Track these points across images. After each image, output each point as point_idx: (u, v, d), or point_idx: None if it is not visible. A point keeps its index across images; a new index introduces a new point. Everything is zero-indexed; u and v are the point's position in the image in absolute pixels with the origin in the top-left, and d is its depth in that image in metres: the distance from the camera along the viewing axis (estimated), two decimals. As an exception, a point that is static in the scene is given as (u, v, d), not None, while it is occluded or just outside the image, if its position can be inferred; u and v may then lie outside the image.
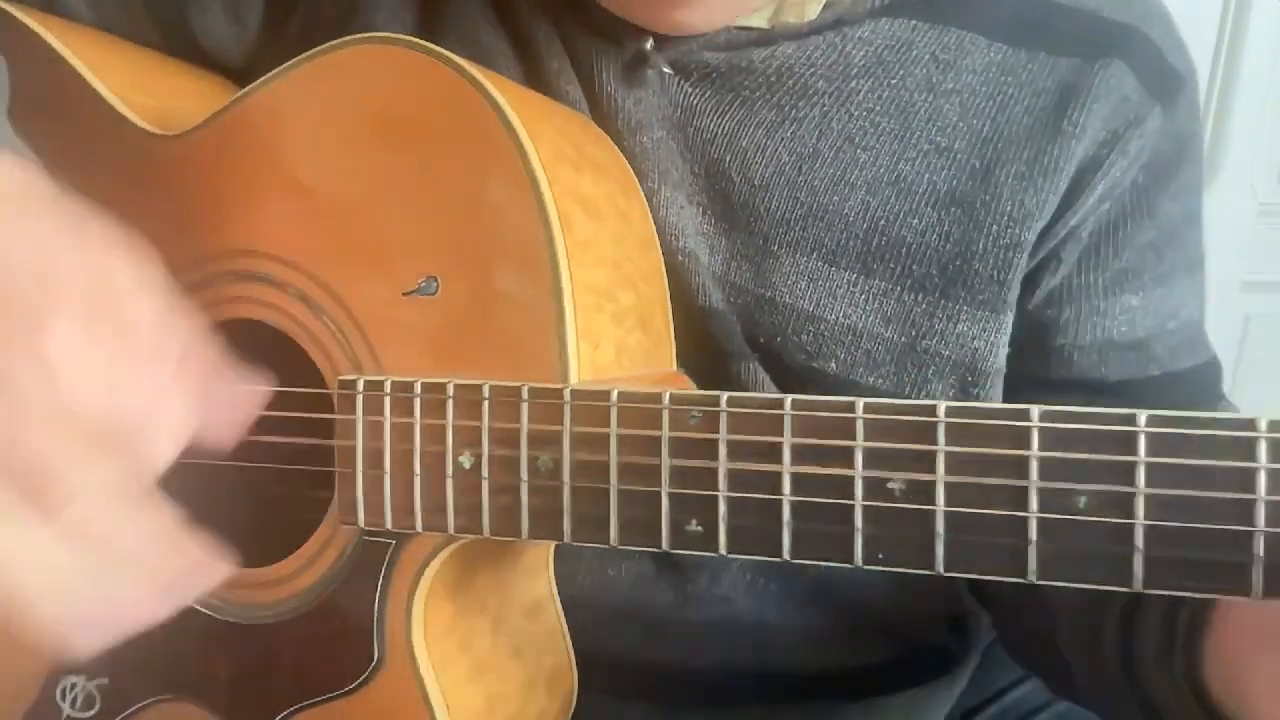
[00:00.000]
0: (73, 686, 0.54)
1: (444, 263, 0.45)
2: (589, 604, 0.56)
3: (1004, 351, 0.55)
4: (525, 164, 0.43)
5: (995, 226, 0.53)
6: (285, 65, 0.48)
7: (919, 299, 0.53)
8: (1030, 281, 0.55)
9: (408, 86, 0.46)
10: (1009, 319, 0.54)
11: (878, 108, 0.53)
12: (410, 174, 0.46)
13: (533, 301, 0.43)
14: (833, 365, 0.53)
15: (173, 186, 0.51)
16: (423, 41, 0.46)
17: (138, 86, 0.55)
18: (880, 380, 0.54)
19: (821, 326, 0.53)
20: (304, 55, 0.48)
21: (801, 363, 0.54)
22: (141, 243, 0.38)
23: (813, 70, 0.53)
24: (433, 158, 0.45)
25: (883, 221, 0.53)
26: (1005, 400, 0.56)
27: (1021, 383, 0.56)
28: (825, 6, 0.53)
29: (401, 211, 0.46)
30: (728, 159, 0.53)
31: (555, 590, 0.54)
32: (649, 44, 0.52)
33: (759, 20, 0.53)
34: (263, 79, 0.49)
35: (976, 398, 0.54)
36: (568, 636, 0.54)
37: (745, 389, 0.53)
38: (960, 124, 0.53)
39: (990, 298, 0.53)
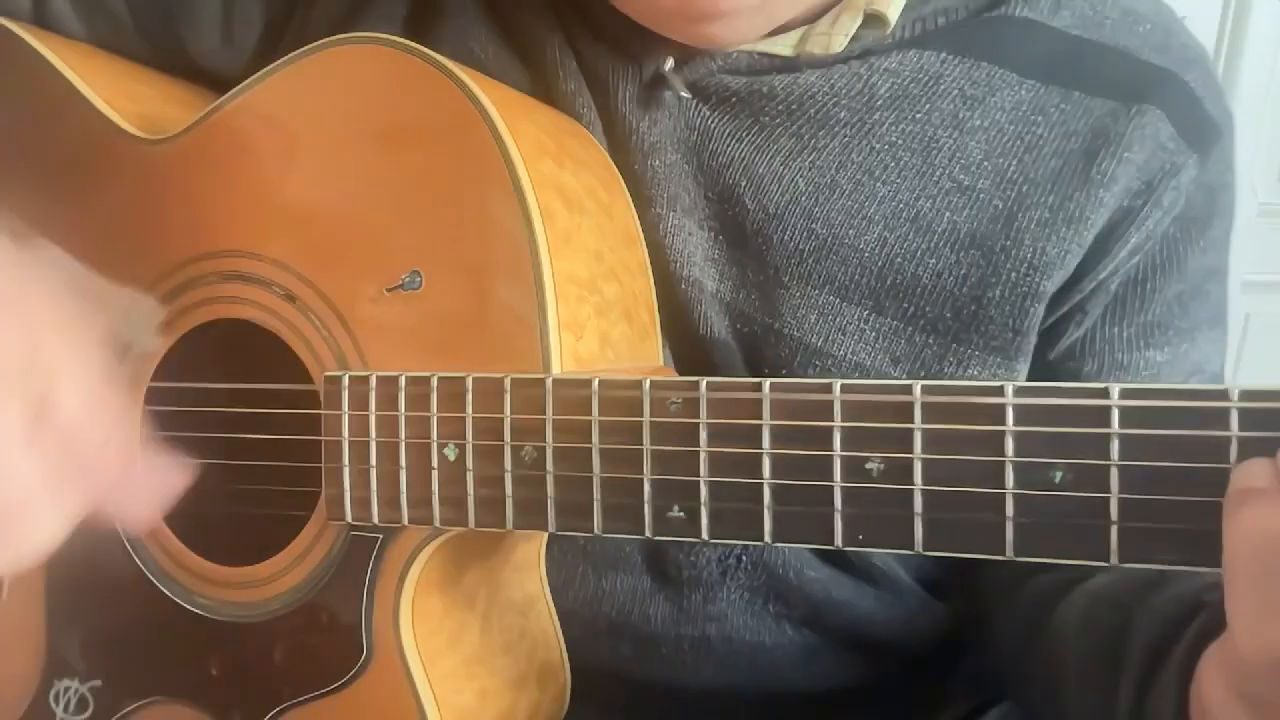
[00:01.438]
0: (66, 690, 0.54)
1: (427, 257, 0.45)
2: (582, 617, 0.55)
3: None
4: (505, 157, 0.44)
5: (1014, 274, 0.51)
6: (269, 68, 0.49)
7: (930, 340, 0.52)
8: (1052, 333, 0.54)
9: (389, 84, 0.46)
10: (1023, 367, 0.53)
11: (900, 141, 0.51)
12: (392, 170, 0.46)
13: (515, 293, 0.43)
14: None
15: (160, 189, 0.52)
16: (403, 40, 0.46)
17: (125, 93, 0.56)
18: None
19: (828, 362, 0.52)
20: (287, 57, 0.48)
21: None
22: (88, 308, 0.38)
23: (835, 99, 0.52)
24: (414, 153, 0.46)
25: (899, 259, 0.51)
26: None
27: None
28: (851, 40, 0.51)
29: (385, 207, 0.46)
30: (743, 184, 0.52)
31: (547, 588, 0.54)
32: (668, 65, 0.51)
33: (783, 48, 0.52)
34: (246, 82, 0.50)
35: None
36: (560, 635, 0.54)
37: None
38: (985, 163, 0.51)
39: (1003, 344, 0.52)
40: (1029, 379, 0.54)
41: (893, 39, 0.52)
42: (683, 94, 0.52)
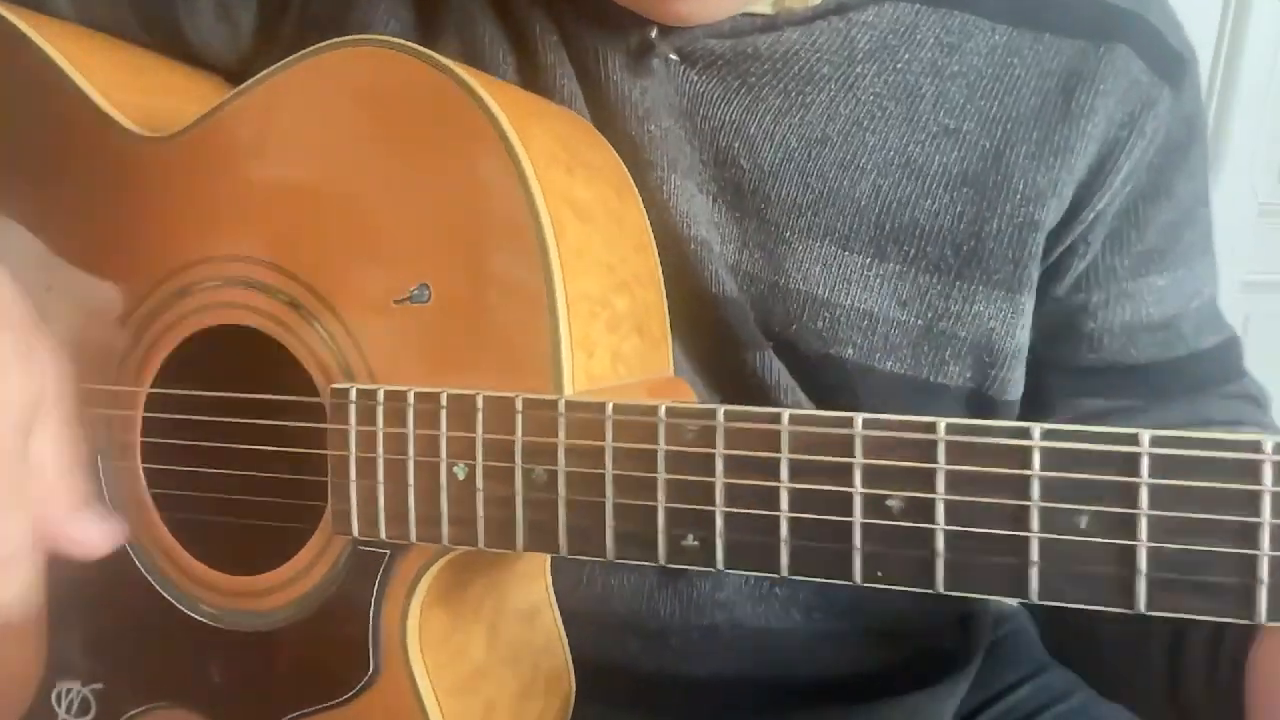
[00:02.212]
0: (68, 692, 0.54)
1: (436, 270, 0.44)
2: (590, 615, 0.55)
3: (1023, 333, 0.55)
4: (517, 169, 0.42)
5: (1008, 205, 0.52)
6: (273, 68, 0.47)
7: (934, 280, 0.53)
8: (1059, 268, 0.55)
9: (398, 90, 0.45)
10: (1027, 301, 0.54)
11: (884, 91, 0.53)
12: (402, 179, 0.45)
13: (526, 311, 0.43)
14: (849, 350, 0.53)
15: (161, 190, 0.50)
16: (413, 44, 0.45)
17: (125, 85, 0.54)
18: (897, 364, 0.53)
19: (837, 312, 0.53)
20: (292, 58, 0.47)
21: (817, 350, 0.53)
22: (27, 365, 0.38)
23: (818, 55, 0.53)
24: (424, 163, 0.44)
25: (894, 204, 0.52)
26: (1030, 385, 0.56)
27: (1050, 369, 0.56)
28: None
29: (393, 217, 0.45)
30: (736, 146, 0.53)
31: (552, 594, 0.54)
32: (654, 32, 0.52)
33: (763, 6, 0.53)
34: (250, 81, 0.48)
35: (994, 378, 0.54)
36: (565, 639, 0.54)
37: (759, 378, 0.53)
38: (968, 106, 0.53)
39: (1005, 277, 0.53)
40: (1039, 316, 0.56)
41: None
42: (671, 57, 0.52)
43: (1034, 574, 0.33)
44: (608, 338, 0.45)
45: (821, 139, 0.52)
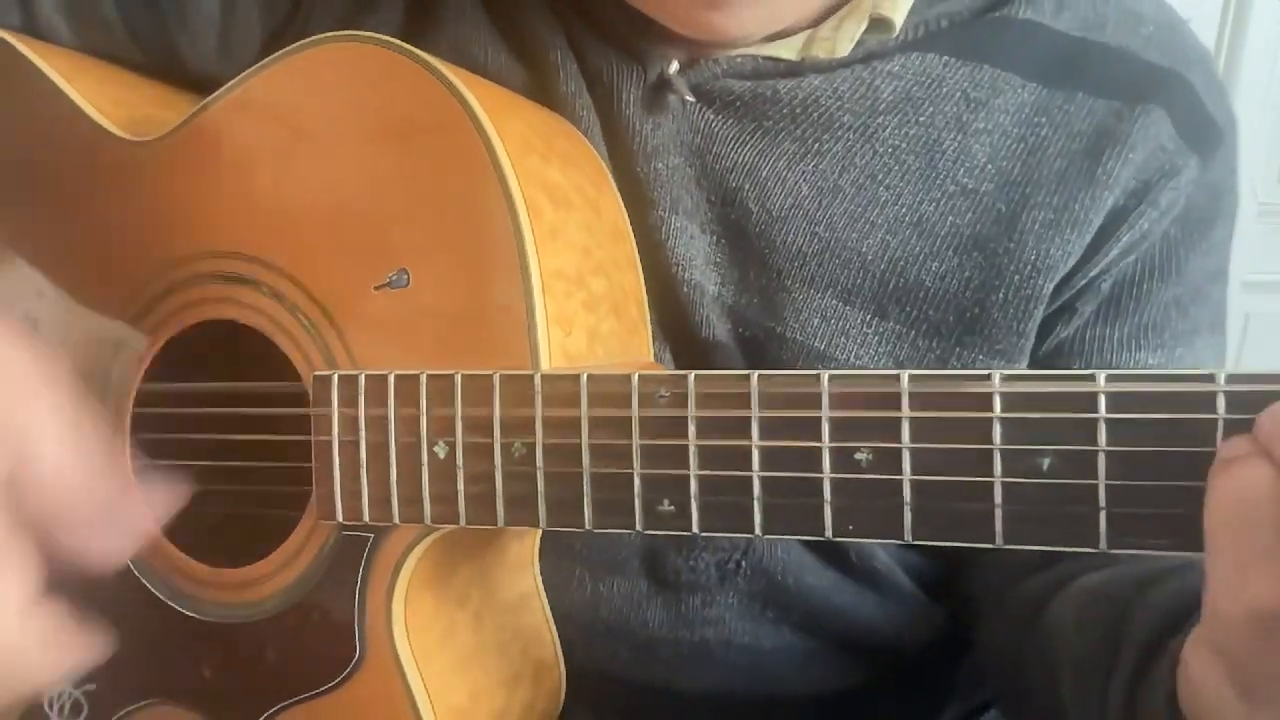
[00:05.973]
0: (60, 695, 0.54)
1: (414, 255, 0.45)
2: (579, 621, 0.55)
3: None
4: (491, 154, 0.44)
5: (1017, 276, 0.51)
6: (254, 67, 0.49)
7: (934, 344, 0.52)
8: (1042, 330, 0.53)
9: (374, 82, 0.46)
10: (1024, 367, 0.53)
11: (904, 145, 0.51)
12: (379, 167, 0.46)
13: (502, 289, 0.43)
14: None
15: (147, 191, 0.52)
16: (388, 38, 0.46)
17: (114, 99, 0.56)
18: None
19: (832, 366, 0.52)
20: (273, 56, 0.48)
21: None
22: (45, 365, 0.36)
23: (839, 103, 0.51)
24: (400, 151, 0.45)
25: (901, 263, 0.51)
26: None
27: None
28: (856, 44, 0.51)
29: (371, 205, 0.46)
30: (746, 188, 0.52)
31: (541, 585, 0.54)
32: (674, 68, 0.51)
33: (788, 52, 0.52)
34: (232, 82, 0.50)
35: None
36: (554, 631, 0.54)
37: None
38: (989, 166, 0.51)
39: (1007, 348, 0.52)
40: None
41: (895, 42, 0.52)
42: (687, 98, 0.52)
43: (999, 517, 0.34)
44: (585, 317, 0.46)
45: (834, 189, 0.51)
